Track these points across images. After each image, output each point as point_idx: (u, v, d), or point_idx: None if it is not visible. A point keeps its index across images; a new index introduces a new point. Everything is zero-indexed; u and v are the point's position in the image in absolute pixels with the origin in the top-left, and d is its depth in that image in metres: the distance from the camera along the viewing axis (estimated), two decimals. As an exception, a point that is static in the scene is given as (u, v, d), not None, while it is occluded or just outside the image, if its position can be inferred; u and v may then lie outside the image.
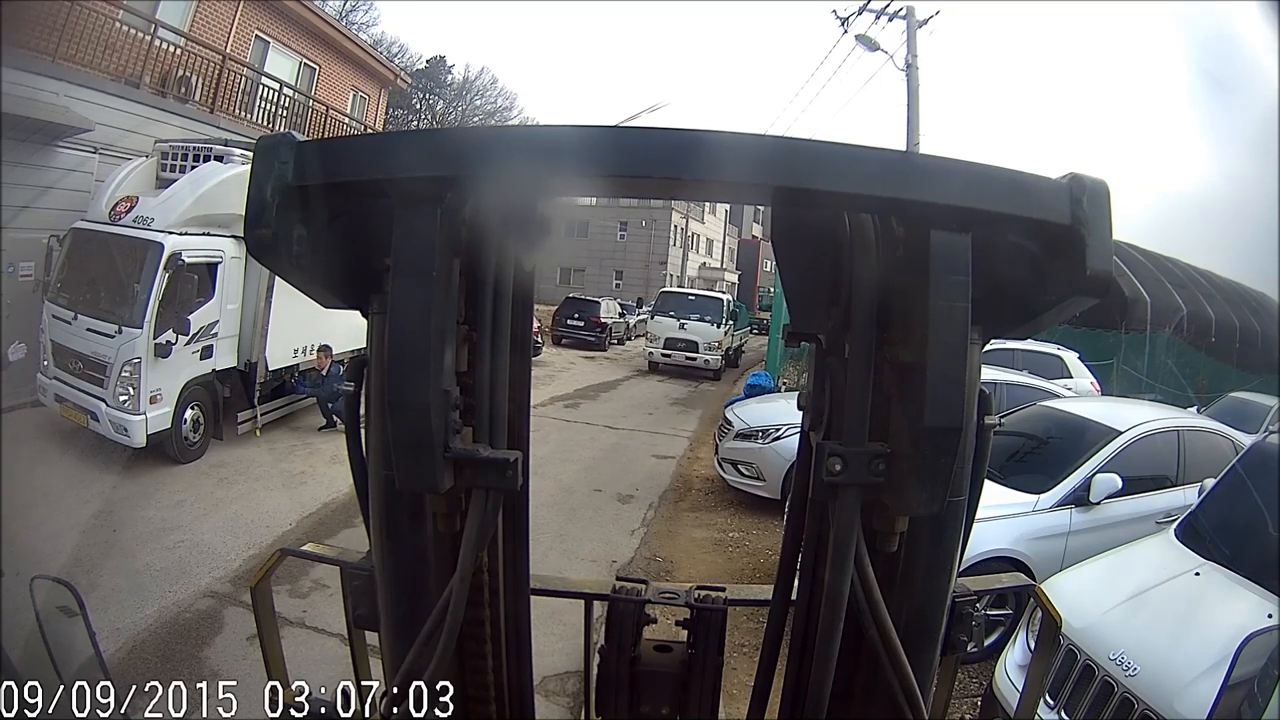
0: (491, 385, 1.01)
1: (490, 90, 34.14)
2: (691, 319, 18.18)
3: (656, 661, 1.34)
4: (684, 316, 18.27)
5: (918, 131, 13.05)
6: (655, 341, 18.34)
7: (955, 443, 0.88)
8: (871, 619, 0.98)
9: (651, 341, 18.52)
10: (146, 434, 7.38)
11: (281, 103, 14.36)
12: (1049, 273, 0.90)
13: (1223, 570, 3.82)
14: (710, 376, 17.94)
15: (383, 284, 0.92)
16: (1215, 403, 11.09)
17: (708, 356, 17.99)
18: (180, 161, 8.49)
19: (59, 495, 6.41)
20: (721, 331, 18.42)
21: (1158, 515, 5.35)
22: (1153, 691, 3.24)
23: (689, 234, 34.42)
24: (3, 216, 8.15)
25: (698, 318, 18.24)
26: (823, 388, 1.08)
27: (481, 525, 0.97)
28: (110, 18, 10.43)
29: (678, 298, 19.66)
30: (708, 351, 18.00)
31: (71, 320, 7.66)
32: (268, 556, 1.31)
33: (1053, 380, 9.31)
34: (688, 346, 17.94)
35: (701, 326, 18.14)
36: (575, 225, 29.77)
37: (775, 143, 0.85)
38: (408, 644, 1.00)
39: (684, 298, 19.75)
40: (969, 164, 0.84)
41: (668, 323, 18.27)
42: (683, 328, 18.13)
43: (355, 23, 27.06)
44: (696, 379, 17.53)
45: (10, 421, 7.67)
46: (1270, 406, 10.06)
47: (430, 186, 0.84)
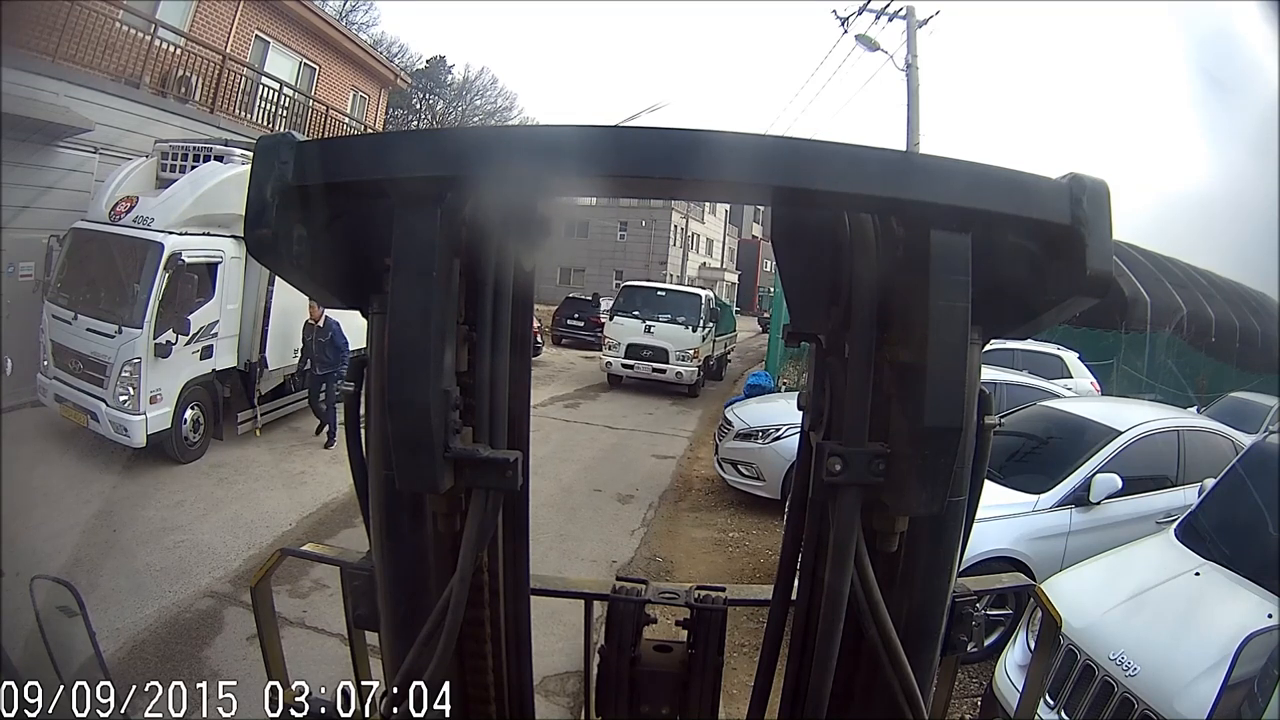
0: (491, 385, 1.01)
1: (490, 90, 34.15)
2: (660, 320, 14.63)
3: (656, 661, 1.34)
4: (651, 317, 14.67)
5: (918, 131, 13.06)
6: (615, 349, 14.58)
7: (955, 443, 0.88)
8: (871, 619, 0.98)
9: (610, 349, 14.67)
10: (146, 434, 7.38)
11: (281, 103, 14.36)
12: (1049, 273, 0.90)
13: (1223, 570, 3.82)
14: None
15: (383, 284, 0.92)
16: (1215, 403, 11.10)
17: (680, 369, 14.41)
18: (180, 161, 8.49)
19: (59, 495, 6.41)
20: (698, 336, 14.74)
21: (1158, 515, 5.35)
22: (1153, 691, 3.24)
23: (689, 234, 34.40)
24: (3, 216, 8.15)
25: (668, 319, 14.68)
26: (823, 388, 1.08)
27: (481, 525, 0.97)
28: (110, 18, 10.43)
29: (644, 294, 15.70)
30: (680, 362, 14.44)
31: (71, 320, 7.66)
32: (268, 556, 1.31)
33: (1053, 380, 9.31)
34: (655, 355, 14.38)
35: (673, 330, 14.58)
36: (575, 225, 29.52)
37: (775, 143, 0.85)
38: (408, 644, 1.00)
39: (651, 294, 15.78)
40: (969, 164, 0.84)
41: (630, 325, 14.64)
42: (649, 331, 14.50)
43: (355, 23, 27.05)
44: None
45: (10, 421, 7.67)
46: (1270, 406, 10.07)
47: (430, 186, 0.84)
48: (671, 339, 14.53)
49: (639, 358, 14.38)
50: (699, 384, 14.98)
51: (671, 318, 14.79)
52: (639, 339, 14.50)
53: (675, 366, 14.43)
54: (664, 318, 14.73)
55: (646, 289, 16.22)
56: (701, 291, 16.28)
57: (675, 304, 15.24)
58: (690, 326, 14.72)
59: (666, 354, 14.41)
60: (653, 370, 14.36)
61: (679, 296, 15.74)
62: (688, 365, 14.54)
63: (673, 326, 14.66)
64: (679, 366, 14.46)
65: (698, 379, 14.87)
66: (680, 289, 16.84)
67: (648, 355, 14.41)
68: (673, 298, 15.65)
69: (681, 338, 14.59)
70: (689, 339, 14.63)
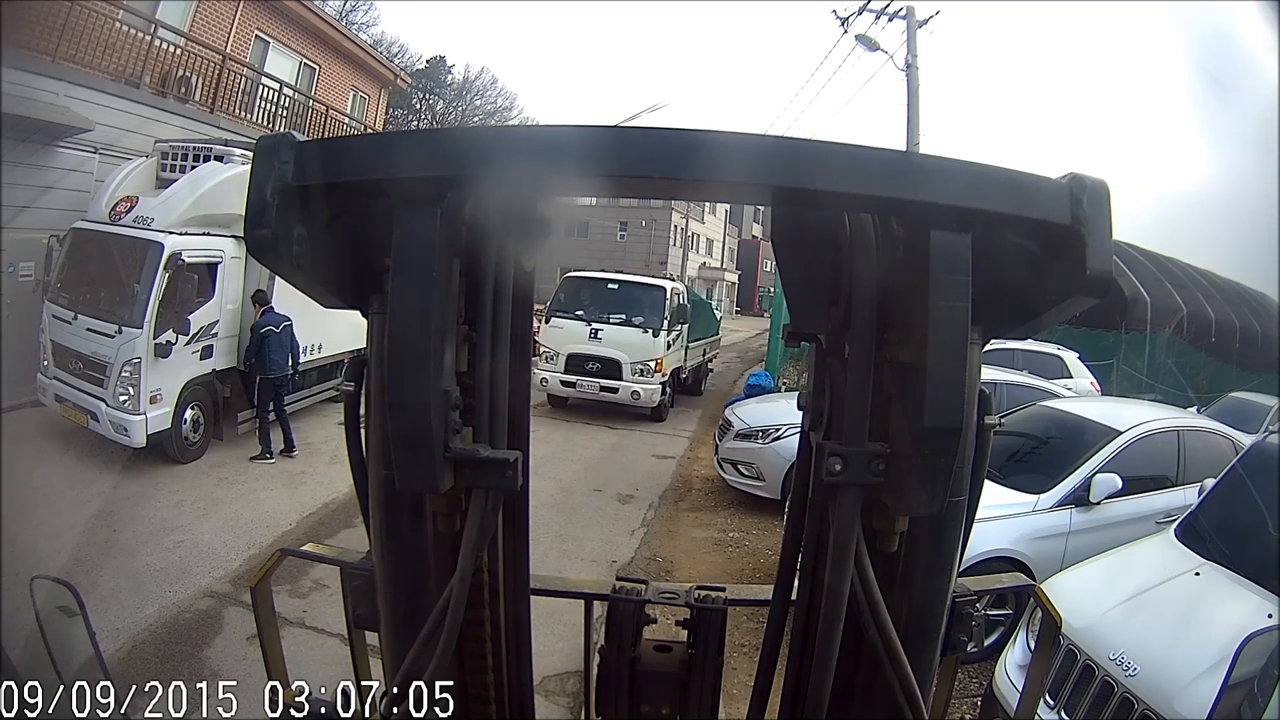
0: (491, 385, 1.01)
1: (490, 90, 34.19)
2: (611, 322, 11.26)
3: (656, 661, 1.34)
4: (599, 318, 11.29)
5: (918, 131, 13.06)
6: (552, 361, 11.15)
7: (955, 443, 0.88)
8: (871, 619, 0.98)
9: (547, 361, 11.15)
10: (146, 434, 7.38)
11: (281, 103, 14.36)
12: (1049, 273, 0.90)
13: (1223, 570, 3.82)
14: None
15: (383, 284, 0.92)
16: (1215, 403, 11.11)
17: (637, 386, 10.95)
18: (180, 161, 8.50)
19: (59, 495, 6.41)
20: (661, 343, 11.23)
21: (1158, 515, 5.35)
22: (1153, 691, 3.24)
23: (689, 234, 34.41)
24: (3, 216, 8.15)
25: (621, 320, 11.28)
26: (823, 388, 1.08)
27: (481, 525, 0.98)
28: (110, 18, 10.44)
29: (591, 288, 11.83)
30: (638, 378, 10.99)
31: (71, 320, 7.66)
32: (268, 556, 1.31)
33: (1053, 380, 9.32)
34: (604, 370, 10.99)
35: (627, 335, 11.16)
36: (575, 225, 29.43)
37: (775, 143, 0.85)
38: (408, 644, 1.01)
39: (600, 287, 11.87)
40: (969, 164, 0.84)
41: (572, 329, 11.28)
42: (596, 338, 11.11)
43: (355, 23, 27.11)
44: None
45: (10, 421, 7.67)
46: (1270, 406, 10.08)
47: (430, 186, 0.84)
48: (625, 347, 11.08)
49: (582, 372, 10.92)
50: (665, 406, 11.50)
51: (626, 319, 11.29)
52: (582, 347, 11.06)
53: (630, 383, 10.97)
54: (616, 319, 11.26)
55: (594, 281, 12.04)
56: (666, 283, 12.37)
57: (631, 300, 11.56)
58: (650, 330, 11.24)
59: (619, 367, 10.99)
60: (601, 389, 10.96)
61: (636, 290, 11.84)
62: (647, 382, 11.02)
63: (627, 330, 11.21)
64: (635, 384, 10.97)
65: (662, 399, 11.33)
66: (638, 280, 12.45)
67: (594, 369, 10.98)
68: (628, 292, 11.79)
69: (639, 345, 11.13)
70: (648, 346, 11.13)
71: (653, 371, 11.15)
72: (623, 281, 12.23)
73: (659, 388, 11.28)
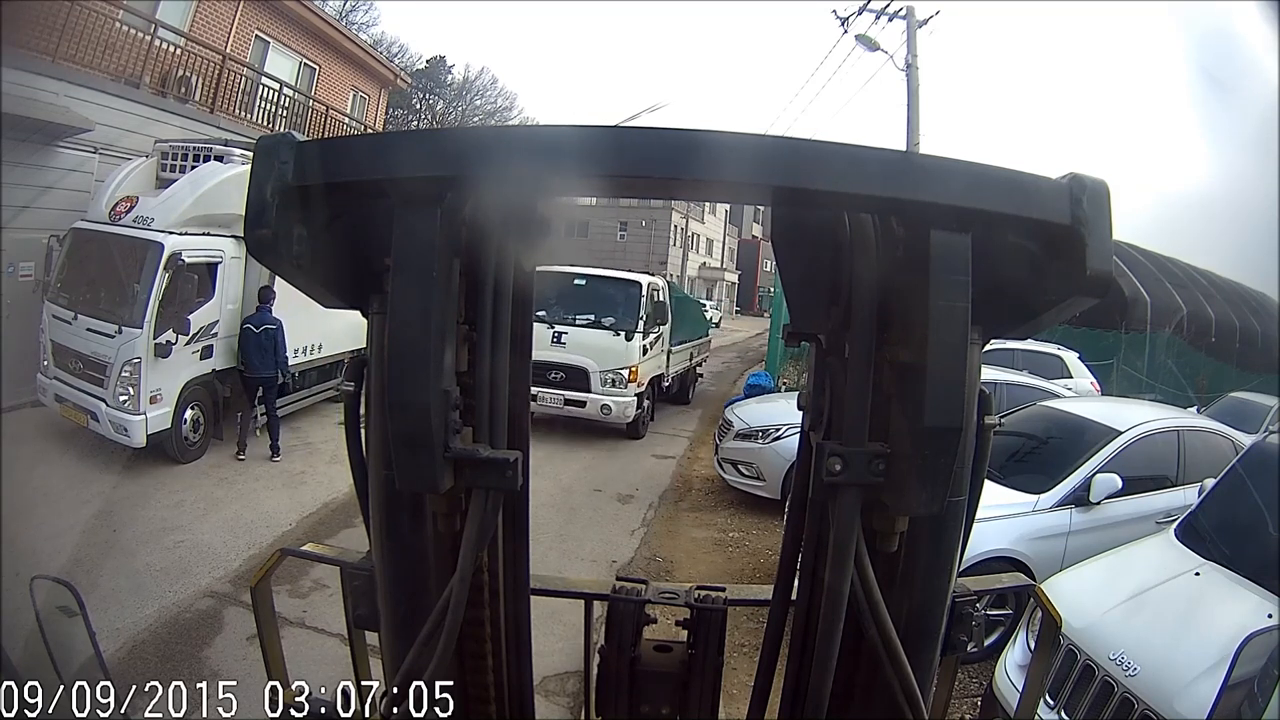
0: (491, 385, 1.01)
1: (490, 90, 34.15)
2: (577, 324, 9.85)
3: (656, 661, 1.34)
4: (564, 319, 9.85)
5: (918, 131, 13.06)
6: None
7: (955, 443, 0.88)
8: (871, 619, 0.98)
9: None
10: (146, 434, 7.38)
11: (281, 103, 14.35)
12: (1049, 273, 0.90)
13: (1223, 570, 3.82)
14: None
15: (383, 284, 0.92)
16: (1215, 403, 11.11)
17: (609, 399, 9.64)
18: (180, 161, 8.50)
19: (59, 495, 6.41)
20: (635, 348, 9.89)
21: (1158, 515, 5.35)
22: (1153, 691, 3.24)
23: (689, 234, 34.40)
24: (3, 216, 8.15)
25: (589, 322, 9.90)
26: (823, 388, 1.08)
27: (481, 525, 0.98)
28: (110, 18, 10.44)
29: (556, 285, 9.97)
30: (609, 389, 9.69)
31: (71, 320, 7.66)
32: (268, 556, 1.31)
33: (1053, 380, 9.32)
34: (570, 379, 9.62)
35: (596, 339, 9.81)
36: (575, 225, 29.42)
37: (775, 143, 0.85)
38: (408, 644, 1.01)
39: (566, 284, 10.14)
40: (969, 164, 0.84)
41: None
42: (559, 341, 9.65)
43: (355, 23, 27.06)
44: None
45: (10, 421, 7.67)
46: (1270, 406, 10.08)
47: (430, 186, 0.84)
48: (593, 352, 9.70)
49: (544, 383, 9.40)
50: (642, 421, 10.11)
51: (595, 320, 9.91)
52: (543, 354, 9.11)
53: (600, 396, 9.63)
54: (583, 320, 9.87)
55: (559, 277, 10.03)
56: (643, 278, 10.72)
57: (601, 299, 10.14)
58: (623, 333, 9.87)
59: (586, 376, 9.63)
60: (566, 403, 9.58)
61: (607, 287, 10.39)
62: (620, 394, 9.68)
63: (595, 333, 9.83)
64: (605, 396, 9.64)
65: (638, 413, 9.95)
66: (610, 275, 10.89)
67: (557, 379, 9.54)
68: (597, 289, 10.32)
69: (609, 350, 9.76)
70: (621, 352, 9.76)
71: (625, 382, 9.75)
72: (591, 276, 10.56)
73: (633, 400, 9.84)
